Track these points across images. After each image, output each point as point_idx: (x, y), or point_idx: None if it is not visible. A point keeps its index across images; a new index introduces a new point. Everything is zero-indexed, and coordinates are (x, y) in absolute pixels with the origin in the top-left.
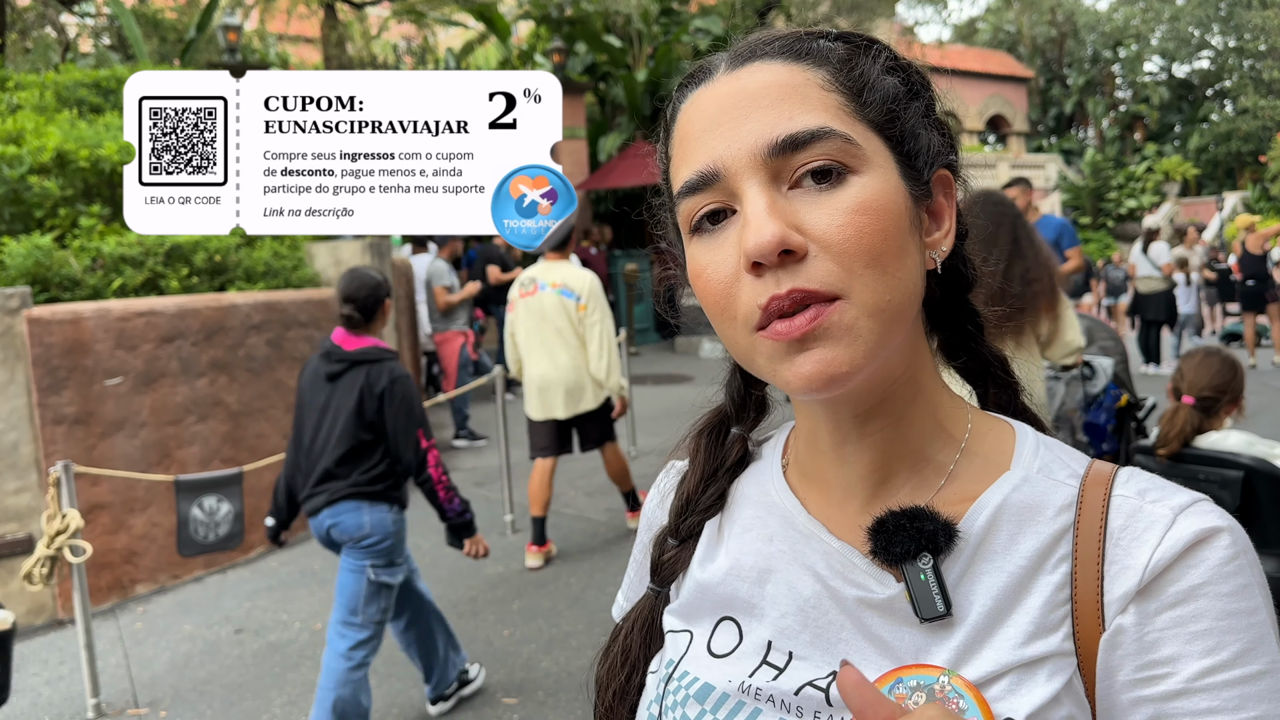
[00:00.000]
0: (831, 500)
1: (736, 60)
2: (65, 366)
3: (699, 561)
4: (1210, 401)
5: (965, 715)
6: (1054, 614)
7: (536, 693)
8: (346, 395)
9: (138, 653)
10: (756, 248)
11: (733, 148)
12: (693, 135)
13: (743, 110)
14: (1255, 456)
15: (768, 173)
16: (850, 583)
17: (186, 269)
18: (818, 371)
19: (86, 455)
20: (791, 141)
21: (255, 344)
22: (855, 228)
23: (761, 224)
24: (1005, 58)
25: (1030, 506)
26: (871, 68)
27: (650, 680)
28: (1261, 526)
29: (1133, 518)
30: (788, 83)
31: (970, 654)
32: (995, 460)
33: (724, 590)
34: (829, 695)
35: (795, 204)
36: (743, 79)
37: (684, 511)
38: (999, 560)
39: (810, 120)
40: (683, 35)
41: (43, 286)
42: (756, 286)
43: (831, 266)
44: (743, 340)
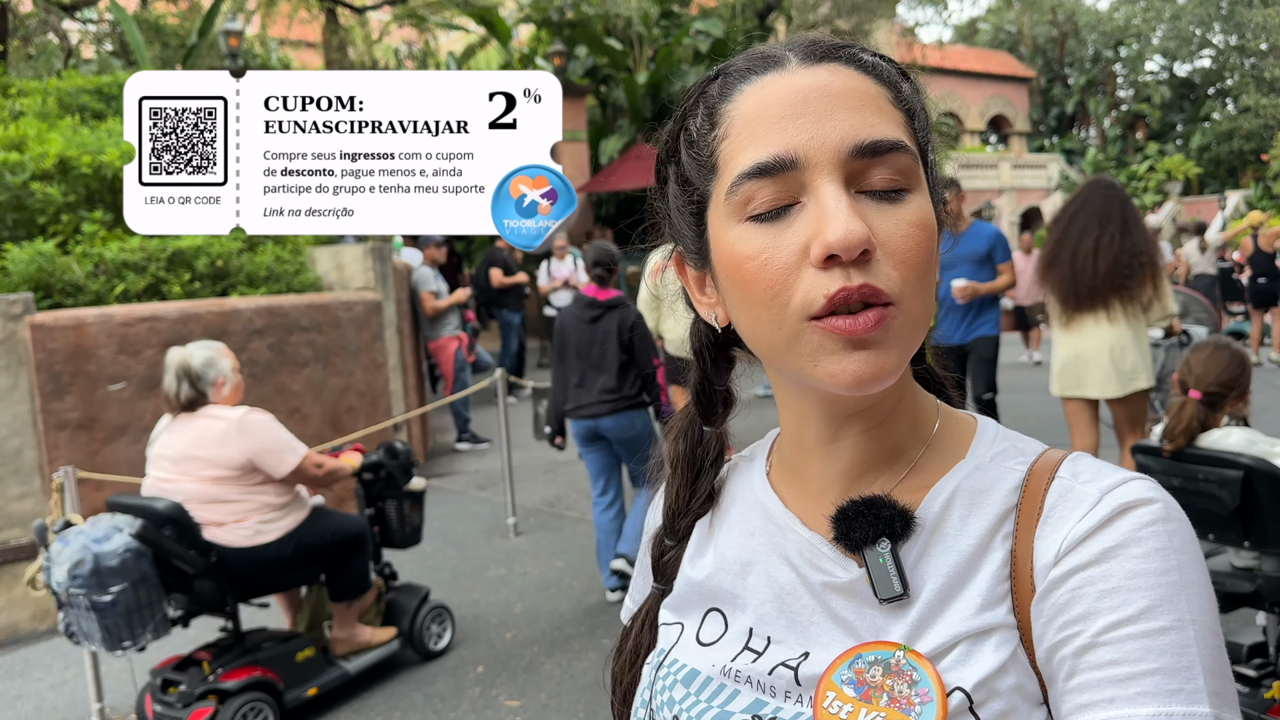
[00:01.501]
0: (809, 494)
1: (811, 56)
2: (68, 372)
3: (689, 558)
4: (1217, 396)
5: (918, 685)
6: (998, 588)
7: (539, 695)
8: (609, 330)
9: (141, 657)
10: (843, 242)
11: (816, 140)
12: (765, 119)
13: (829, 106)
14: (1255, 456)
15: (845, 172)
16: (817, 569)
17: (189, 274)
18: (868, 373)
19: (90, 460)
20: (875, 147)
21: (258, 349)
22: (916, 241)
23: (849, 219)
24: (1006, 58)
25: (981, 490)
26: (913, 93)
27: (645, 670)
28: (1261, 526)
29: (1063, 497)
30: (867, 91)
31: (924, 628)
32: (954, 451)
33: (711, 584)
34: (797, 674)
35: (861, 209)
36: (824, 76)
37: (675, 512)
38: (951, 541)
39: (890, 131)
40: (683, 38)
41: (45, 292)
42: (823, 278)
43: (893, 274)
44: (789, 327)
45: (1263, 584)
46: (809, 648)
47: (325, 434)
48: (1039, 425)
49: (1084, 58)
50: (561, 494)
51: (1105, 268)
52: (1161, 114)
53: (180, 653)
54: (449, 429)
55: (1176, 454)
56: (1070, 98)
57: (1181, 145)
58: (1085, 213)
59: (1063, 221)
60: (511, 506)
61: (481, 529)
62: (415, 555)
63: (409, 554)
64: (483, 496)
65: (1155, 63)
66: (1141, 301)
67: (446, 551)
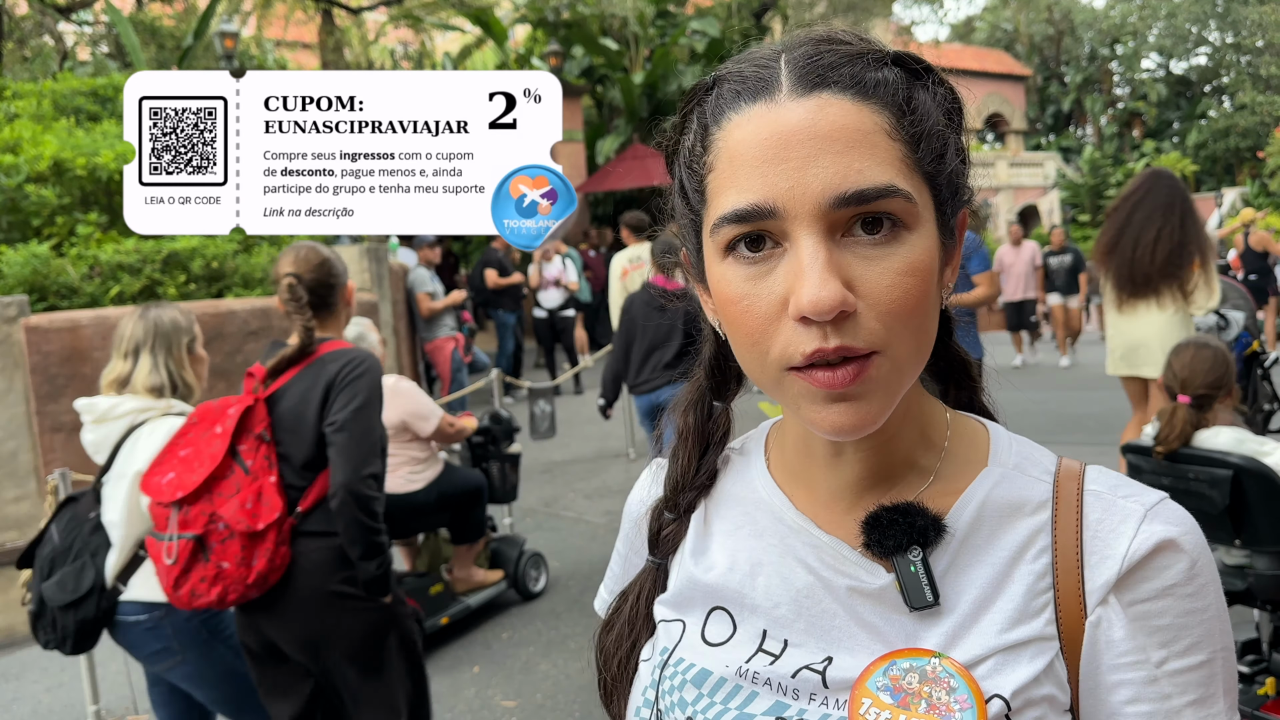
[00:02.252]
0: (818, 499)
1: (804, 83)
2: (63, 374)
3: (691, 554)
4: (1206, 398)
5: (956, 693)
6: (1035, 601)
7: (535, 695)
8: (675, 318)
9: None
10: (814, 307)
11: (795, 191)
12: (748, 160)
13: (811, 152)
14: (1244, 455)
15: (826, 223)
16: (841, 574)
17: (184, 275)
18: (849, 423)
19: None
20: (860, 196)
21: (253, 350)
22: (903, 290)
23: (823, 283)
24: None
25: (1010, 503)
26: (927, 105)
27: (644, 667)
28: (1252, 525)
29: (1108, 511)
30: (857, 128)
31: (958, 639)
32: (973, 458)
33: (718, 583)
34: (824, 678)
35: (847, 255)
36: (813, 115)
37: (680, 486)
38: (982, 554)
39: (878, 175)
40: (679, 37)
41: (40, 295)
42: (800, 333)
43: (876, 326)
44: (771, 373)
45: (1254, 582)
46: (832, 652)
47: None
48: (1037, 424)
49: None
50: (558, 494)
51: (1162, 257)
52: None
53: None
54: None
55: (1168, 455)
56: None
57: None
58: (1149, 203)
59: (1124, 210)
60: (508, 507)
61: None
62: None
63: None
64: None
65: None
66: (1188, 289)
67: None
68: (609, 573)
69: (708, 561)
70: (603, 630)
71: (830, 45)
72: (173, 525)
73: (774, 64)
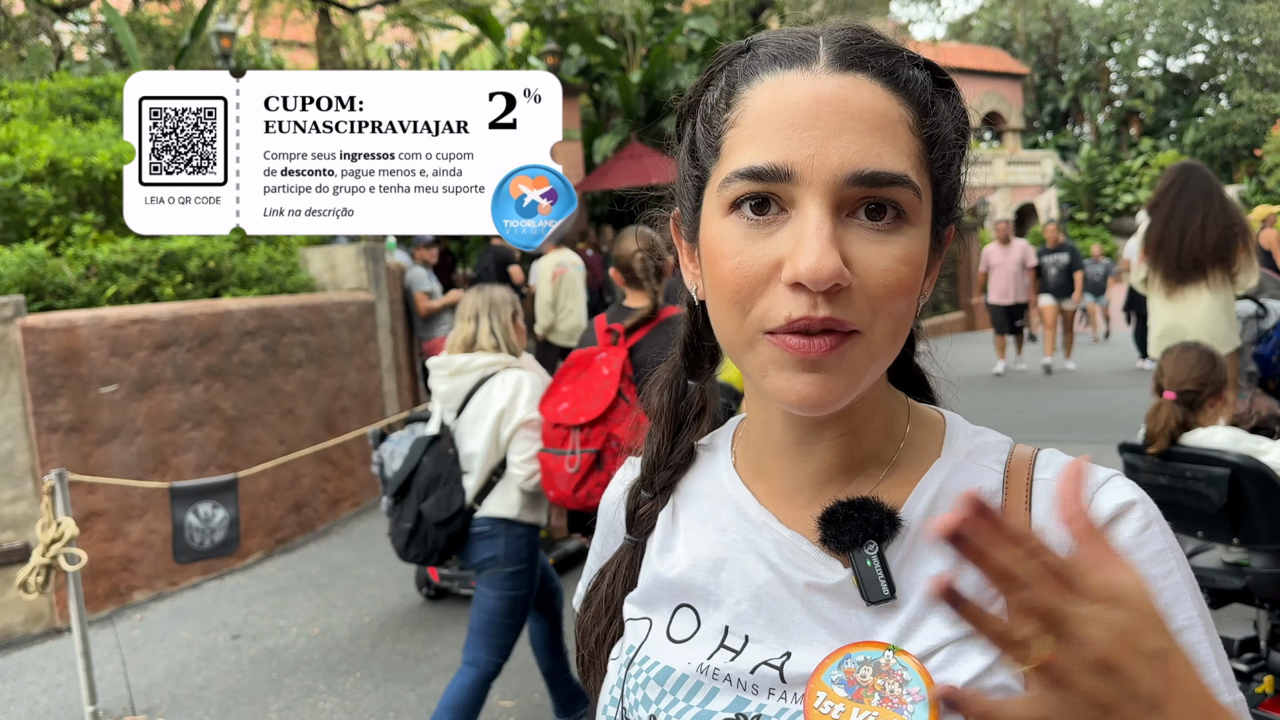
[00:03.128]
0: (779, 493)
1: (840, 60)
2: (60, 374)
3: (657, 552)
4: (1192, 395)
5: (909, 685)
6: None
7: (533, 695)
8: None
9: (135, 660)
10: (811, 275)
11: (816, 159)
12: (773, 119)
13: (839, 124)
14: (1241, 454)
15: (837, 197)
16: (800, 569)
17: (181, 276)
18: (814, 395)
19: (82, 463)
20: (875, 178)
21: (250, 350)
22: (896, 276)
23: (824, 254)
24: (1000, 54)
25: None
26: (945, 115)
27: (612, 666)
28: (1249, 523)
29: (1055, 500)
30: (885, 114)
31: (911, 632)
32: (929, 448)
33: (682, 580)
34: (782, 672)
35: (849, 234)
36: (846, 89)
37: (654, 465)
38: (935, 546)
39: (896, 163)
40: (676, 36)
41: (36, 295)
42: (788, 298)
43: (864, 306)
44: (746, 333)
45: (1252, 580)
46: (790, 647)
47: (318, 435)
48: (1035, 422)
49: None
50: None
51: (1212, 241)
52: (1155, 110)
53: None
54: None
55: (1164, 453)
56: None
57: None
58: (1188, 194)
59: (1165, 204)
60: None
61: None
62: None
63: None
64: None
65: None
66: (1233, 271)
67: None
68: (585, 571)
69: (672, 559)
70: (582, 607)
71: (869, 34)
72: (574, 443)
73: (814, 39)
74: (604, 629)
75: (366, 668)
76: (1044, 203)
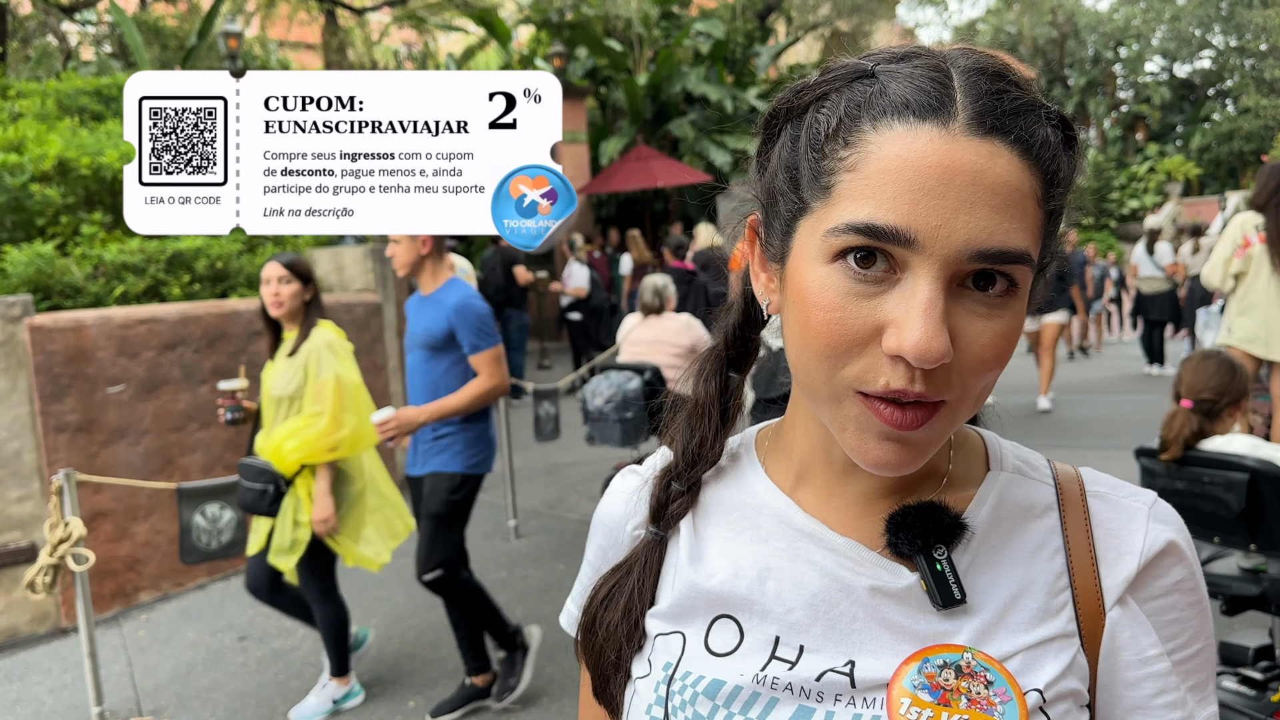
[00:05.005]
0: (827, 503)
1: (981, 123)
2: (67, 374)
3: (688, 561)
4: (1209, 404)
5: (994, 686)
6: (1055, 600)
7: (540, 699)
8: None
9: (141, 660)
10: (920, 355)
11: (942, 231)
12: (900, 178)
13: (971, 198)
14: (1260, 459)
15: (953, 270)
16: (862, 574)
17: (188, 276)
18: (894, 462)
19: (89, 463)
20: (999, 257)
21: (258, 350)
22: (996, 352)
23: (936, 333)
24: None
25: (1021, 505)
26: (1069, 177)
27: (643, 685)
28: (1267, 529)
29: (1116, 511)
30: (1017, 188)
31: (987, 636)
32: (975, 463)
33: (722, 589)
34: (853, 679)
35: (956, 305)
36: (983, 161)
37: (695, 458)
38: (1000, 554)
39: (1021, 241)
40: (683, 39)
41: (44, 294)
42: (886, 366)
43: (959, 380)
44: (835, 387)
45: (1269, 586)
46: (854, 655)
47: None
48: (1043, 427)
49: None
50: (562, 496)
51: None
52: (1161, 115)
53: None
54: None
55: (1180, 460)
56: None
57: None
58: None
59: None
60: (513, 509)
61: (482, 531)
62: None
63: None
64: (483, 499)
65: (1155, 64)
66: None
67: None
68: (578, 584)
69: (707, 569)
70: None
71: (1008, 85)
72: None
73: (949, 84)
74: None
75: (372, 670)
76: None
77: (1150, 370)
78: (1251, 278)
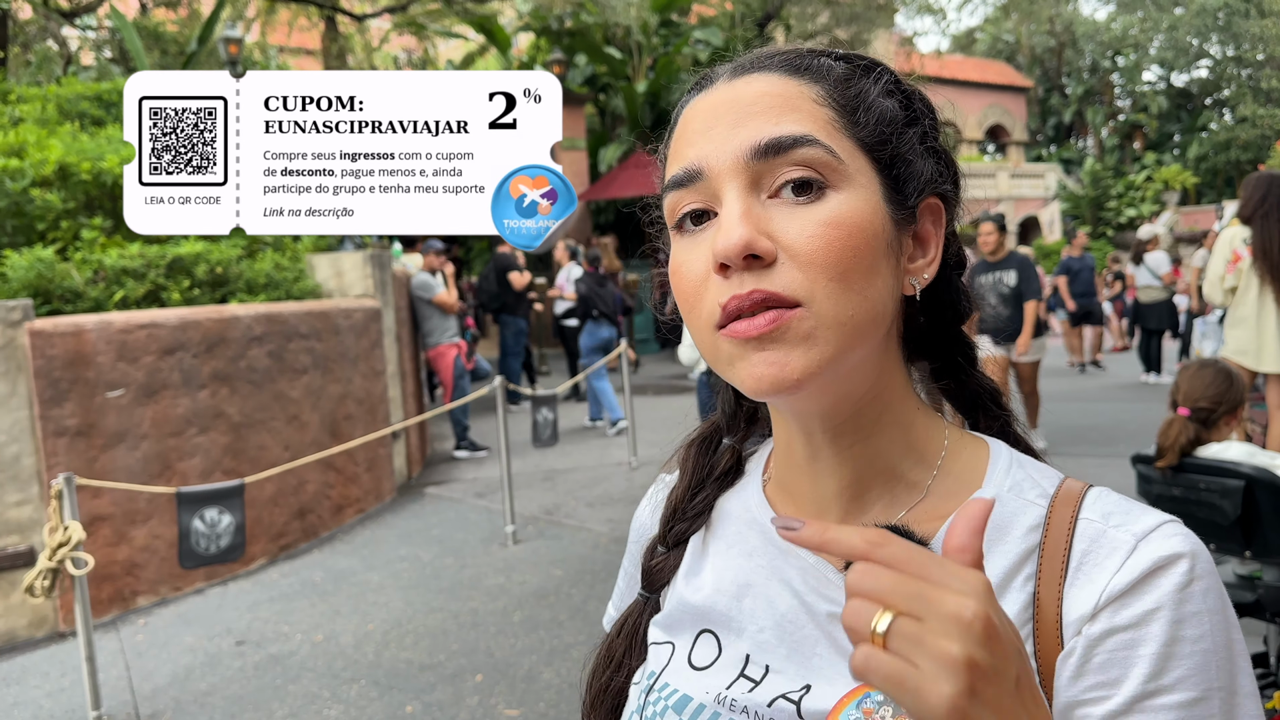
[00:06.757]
0: (805, 514)
1: (737, 71)
2: (67, 379)
3: (684, 575)
4: (1206, 412)
5: None
6: (1020, 631)
7: (538, 704)
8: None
9: (139, 665)
10: (724, 249)
11: (719, 150)
12: (686, 136)
13: (735, 116)
14: (1256, 466)
15: (748, 177)
16: (823, 597)
17: (188, 281)
18: (769, 373)
19: (88, 467)
20: (775, 145)
21: (256, 355)
22: (824, 239)
23: (732, 227)
24: (1004, 67)
25: (1000, 526)
26: (870, 89)
27: (633, 691)
28: (1263, 536)
29: (1095, 542)
30: (781, 93)
31: None
32: (968, 479)
33: (705, 605)
34: (799, 708)
35: (771, 212)
36: (739, 88)
37: (672, 519)
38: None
39: (795, 127)
40: (683, 47)
41: (44, 299)
42: (721, 286)
43: (797, 275)
44: (707, 338)
45: (1264, 594)
46: (811, 680)
47: (323, 441)
48: (1041, 434)
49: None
50: (560, 502)
51: None
52: (1159, 124)
53: None
54: (447, 437)
55: (1176, 467)
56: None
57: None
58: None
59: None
60: (510, 514)
61: (480, 537)
62: (414, 563)
63: (407, 562)
64: (481, 505)
65: (1153, 73)
66: None
67: (445, 559)
68: (616, 589)
69: (698, 582)
70: (591, 657)
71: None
72: None
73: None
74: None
75: (371, 675)
76: (1047, 216)
77: (1148, 379)
78: (1242, 291)
